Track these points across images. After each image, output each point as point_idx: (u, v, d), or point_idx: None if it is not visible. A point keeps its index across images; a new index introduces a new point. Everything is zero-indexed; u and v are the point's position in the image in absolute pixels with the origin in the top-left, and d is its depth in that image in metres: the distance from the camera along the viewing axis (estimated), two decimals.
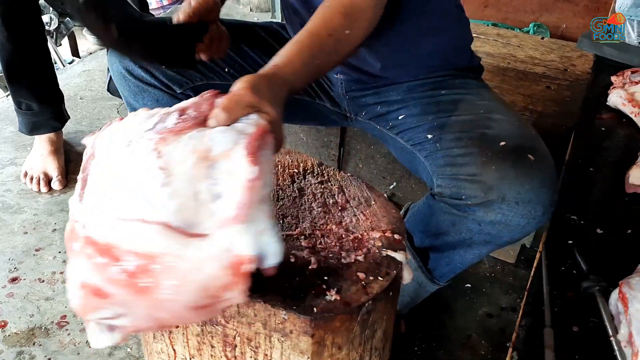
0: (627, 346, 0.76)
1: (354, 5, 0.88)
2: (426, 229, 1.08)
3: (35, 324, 1.29)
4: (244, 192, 0.61)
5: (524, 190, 0.90)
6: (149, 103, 1.16)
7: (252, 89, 0.69)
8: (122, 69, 1.15)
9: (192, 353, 0.79)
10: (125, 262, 0.60)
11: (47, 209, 1.65)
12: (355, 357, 0.75)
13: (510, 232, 0.96)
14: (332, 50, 0.86)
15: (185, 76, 1.16)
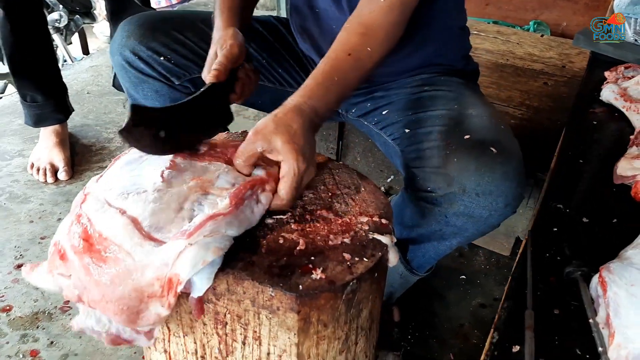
0: (604, 327, 0.78)
1: (373, 24, 0.91)
2: (402, 221, 1.11)
3: (39, 309, 1.33)
4: (206, 219, 0.71)
5: (484, 182, 0.92)
6: (149, 94, 1.20)
7: (256, 132, 0.78)
8: (123, 60, 1.17)
9: (186, 331, 0.82)
10: (89, 237, 0.70)
11: (52, 199, 1.70)
12: (341, 335, 0.78)
13: (474, 224, 0.98)
14: (353, 68, 0.89)
15: (183, 68, 1.19)
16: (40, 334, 1.26)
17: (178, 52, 1.18)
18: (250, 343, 0.78)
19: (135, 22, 1.18)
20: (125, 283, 0.68)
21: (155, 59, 1.16)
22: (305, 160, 0.78)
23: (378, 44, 0.92)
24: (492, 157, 0.93)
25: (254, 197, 0.78)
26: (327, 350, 0.78)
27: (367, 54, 0.90)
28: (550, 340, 0.79)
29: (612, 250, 0.89)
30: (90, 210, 0.75)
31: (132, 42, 1.15)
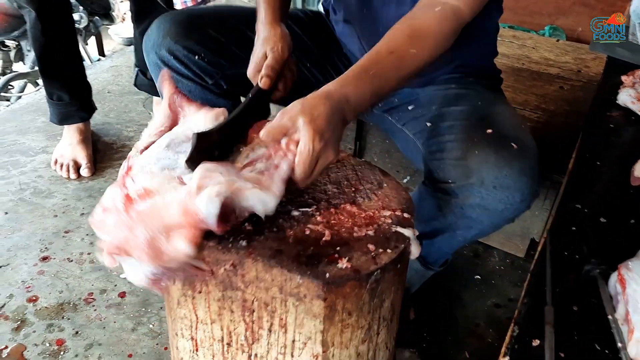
0: (623, 324, 0.80)
1: (423, 29, 0.91)
2: (418, 216, 1.13)
3: (64, 300, 1.36)
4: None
5: (502, 176, 0.95)
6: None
7: (283, 112, 0.79)
8: (158, 59, 1.19)
9: (213, 318, 0.85)
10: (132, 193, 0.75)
11: (75, 194, 1.74)
12: (364, 324, 0.81)
13: (489, 217, 1.00)
14: (393, 66, 0.88)
15: (215, 67, 1.20)
16: (66, 324, 1.30)
17: (212, 51, 1.19)
18: (277, 330, 0.80)
19: (172, 20, 1.19)
20: (152, 218, 0.72)
21: (191, 59, 1.17)
22: (322, 141, 0.77)
23: (424, 49, 0.91)
24: (512, 152, 0.96)
25: (274, 165, 0.79)
26: (350, 338, 0.81)
27: (411, 55, 0.89)
28: (570, 336, 0.81)
29: (630, 249, 0.91)
30: (135, 173, 0.80)
31: (169, 41, 1.17)
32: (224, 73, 1.22)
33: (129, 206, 0.74)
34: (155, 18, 1.87)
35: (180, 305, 0.88)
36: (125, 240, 0.73)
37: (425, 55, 0.91)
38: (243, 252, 0.76)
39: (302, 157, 0.77)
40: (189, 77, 1.20)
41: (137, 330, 1.30)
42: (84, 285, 1.41)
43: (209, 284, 0.81)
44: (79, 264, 1.47)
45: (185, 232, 0.72)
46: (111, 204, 0.77)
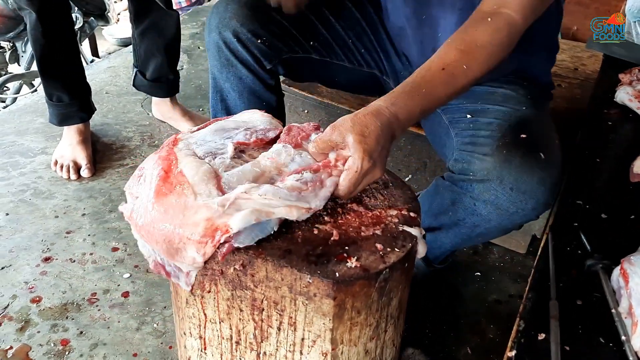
0: (627, 317, 0.81)
1: (475, 41, 0.90)
2: (429, 209, 1.15)
3: (68, 300, 1.36)
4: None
5: (522, 180, 0.96)
6: (232, 78, 1.23)
7: (333, 127, 0.80)
8: (220, 40, 1.19)
9: (222, 317, 0.86)
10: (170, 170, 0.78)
11: (76, 195, 1.74)
12: (373, 322, 0.82)
13: (498, 216, 1.01)
14: (444, 83, 0.88)
15: (274, 50, 1.21)
16: (70, 324, 1.30)
17: (274, 34, 1.20)
18: (286, 329, 0.81)
19: (239, 2, 1.19)
20: (176, 215, 0.74)
21: (254, 42, 1.18)
22: (371, 161, 0.78)
23: (476, 63, 0.89)
24: (538, 160, 0.97)
25: (319, 179, 0.81)
26: (358, 336, 0.82)
27: (462, 71, 0.88)
28: (575, 329, 0.82)
29: (631, 244, 0.92)
30: (180, 152, 0.82)
31: (235, 23, 1.17)
32: (283, 57, 1.23)
33: (166, 183, 0.76)
34: (153, 19, 1.90)
35: (189, 305, 0.88)
36: (143, 213, 0.76)
37: (477, 69, 0.90)
38: (252, 252, 0.76)
39: (349, 175, 0.79)
40: (246, 62, 1.20)
41: (142, 329, 1.30)
42: (87, 285, 1.41)
43: (218, 283, 0.82)
44: (81, 265, 1.47)
45: (202, 246, 0.73)
46: (151, 169, 0.80)
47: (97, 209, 1.68)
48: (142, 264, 1.48)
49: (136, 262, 1.49)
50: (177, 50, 2.00)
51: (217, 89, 1.29)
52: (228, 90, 1.26)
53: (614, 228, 1.01)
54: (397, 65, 1.31)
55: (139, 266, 1.47)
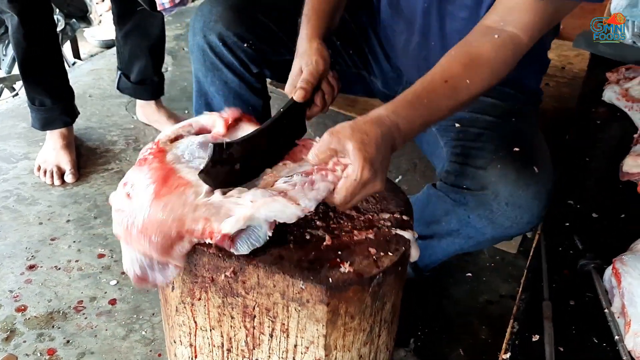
0: (620, 317, 0.81)
1: (479, 56, 0.88)
2: (420, 217, 1.14)
3: (54, 308, 1.34)
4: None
5: (517, 195, 0.96)
6: (217, 82, 1.20)
7: (332, 133, 0.77)
8: (205, 43, 1.16)
9: (213, 324, 0.84)
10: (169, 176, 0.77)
11: (60, 200, 1.70)
12: (366, 327, 0.81)
13: (493, 230, 1.01)
14: (446, 95, 0.86)
15: (260, 53, 1.18)
16: (56, 333, 1.27)
17: (261, 38, 1.17)
18: (278, 335, 0.80)
19: (225, 4, 1.16)
20: (175, 209, 0.72)
21: (240, 46, 1.15)
22: (372, 171, 0.75)
23: (480, 78, 0.87)
24: (532, 174, 0.97)
25: (310, 180, 0.78)
26: (352, 341, 0.81)
27: (465, 85, 0.87)
28: (568, 330, 0.82)
29: (622, 243, 0.93)
30: (176, 165, 0.80)
31: (220, 27, 1.14)
32: (270, 60, 1.21)
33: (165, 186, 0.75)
34: (137, 21, 1.87)
35: (179, 313, 0.87)
36: (137, 216, 0.74)
37: (479, 85, 0.88)
38: (244, 258, 0.75)
39: (347, 183, 0.76)
40: (232, 66, 1.18)
41: (130, 337, 1.28)
42: (73, 293, 1.38)
43: (209, 290, 0.80)
44: (67, 272, 1.44)
45: (193, 240, 0.73)
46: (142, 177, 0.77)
47: (82, 214, 1.65)
48: None
49: (123, 268, 1.45)
50: (162, 52, 1.98)
51: (201, 92, 1.27)
52: (213, 94, 1.24)
53: (605, 227, 1.01)
54: (384, 67, 1.30)
55: (125, 273, 1.44)
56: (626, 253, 0.87)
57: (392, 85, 1.30)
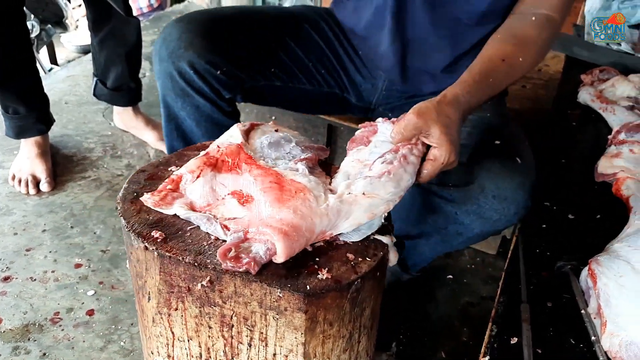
0: (596, 317, 0.82)
1: (525, 37, 0.96)
2: (407, 217, 1.14)
3: (29, 321, 1.31)
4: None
5: (503, 187, 0.97)
6: (188, 107, 1.16)
7: (419, 114, 0.82)
8: (174, 70, 1.12)
9: (190, 335, 0.83)
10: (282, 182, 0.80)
11: (36, 210, 1.67)
12: (346, 333, 0.80)
13: (482, 224, 1.02)
14: (505, 73, 0.93)
15: (234, 79, 1.16)
16: (32, 345, 1.25)
17: (233, 63, 1.14)
18: (257, 344, 0.79)
19: (195, 31, 1.12)
20: (305, 217, 0.75)
21: (212, 73, 1.12)
22: (455, 154, 0.82)
23: (529, 55, 0.95)
24: (515, 166, 0.99)
25: (402, 155, 0.82)
26: (332, 349, 0.80)
27: (519, 63, 0.94)
28: (546, 331, 0.82)
29: (599, 244, 0.93)
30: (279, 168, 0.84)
31: (191, 54, 1.10)
32: (242, 87, 1.18)
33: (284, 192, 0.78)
34: (113, 26, 1.85)
35: (156, 323, 0.85)
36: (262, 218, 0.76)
37: (529, 62, 0.96)
38: (220, 267, 0.74)
39: (434, 165, 0.82)
40: (203, 93, 1.14)
41: (108, 348, 1.26)
42: (50, 304, 1.36)
43: (185, 300, 0.79)
44: (42, 283, 1.42)
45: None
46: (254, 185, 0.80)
47: (58, 224, 1.62)
48: (107, 280, 1.43)
49: (101, 278, 1.44)
50: (139, 58, 1.96)
51: (171, 117, 1.22)
52: (184, 118, 1.20)
53: (582, 228, 1.02)
54: (356, 79, 1.30)
55: (103, 282, 1.42)
56: (601, 254, 0.87)
57: (367, 96, 1.31)
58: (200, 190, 0.82)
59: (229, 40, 1.13)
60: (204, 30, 1.13)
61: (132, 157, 1.98)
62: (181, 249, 0.76)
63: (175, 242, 0.77)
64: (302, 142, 0.94)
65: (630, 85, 1.36)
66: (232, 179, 0.82)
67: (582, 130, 1.32)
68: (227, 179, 0.82)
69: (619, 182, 1.03)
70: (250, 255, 0.73)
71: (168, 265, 0.76)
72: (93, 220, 1.65)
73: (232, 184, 0.82)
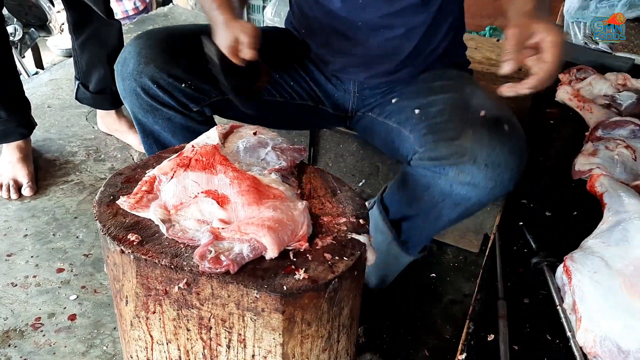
0: (572, 313, 0.83)
1: None
2: (401, 198, 1.16)
3: (10, 327, 1.30)
4: None
5: (495, 154, 0.99)
6: (160, 121, 1.15)
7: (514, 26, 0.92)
8: (138, 87, 1.11)
9: (169, 338, 0.83)
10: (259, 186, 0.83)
11: (17, 215, 1.66)
12: (324, 333, 0.80)
13: (478, 194, 1.03)
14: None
15: (203, 93, 1.15)
16: (13, 352, 1.23)
17: (199, 77, 1.13)
18: (235, 346, 0.79)
19: (155, 46, 1.11)
20: (287, 213, 0.79)
21: (176, 86, 1.11)
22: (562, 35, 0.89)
23: None
24: (504, 133, 1.01)
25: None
26: (310, 349, 0.80)
27: None
28: (522, 328, 0.83)
29: (575, 240, 0.94)
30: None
31: (152, 69, 1.09)
32: (211, 100, 1.17)
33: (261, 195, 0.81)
34: (94, 29, 1.84)
35: (134, 327, 0.85)
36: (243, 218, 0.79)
37: None
38: (197, 269, 0.74)
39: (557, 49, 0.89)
40: (170, 106, 1.13)
41: (90, 353, 1.25)
42: (31, 310, 1.35)
43: (163, 303, 0.79)
44: (24, 288, 1.40)
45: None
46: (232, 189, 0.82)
47: (40, 228, 1.61)
48: (90, 284, 1.43)
49: (83, 282, 1.43)
50: None
51: (146, 133, 1.21)
52: (159, 132, 1.19)
53: (558, 225, 1.04)
54: (328, 88, 1.30)
55: (86, 287, 1.42)
56: (576, 250, 0.89)
57: (342, 103, 1.31)
58: (173, 189, 0.82)
59: (191, 55, 1.11)
60: (164, 45, 1.12)
61: (116, 161, 1.97)
62: (157, 252, 0.76)
63: (151, 244, 0.77)
64: (279, 145, 0.94)
65: (607, 83, 1.37)
66: (205, 178, 0.82)
67: (560, 128, 1.33)
68: (200, 177, 0.82)
69: (593, 179, 1.05)
70: (230, 257, 0.73)
71: (144, 268, 0.76)
72: (75, 225, 1.63)
73: (206, 183, 0.82)
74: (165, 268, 0.75)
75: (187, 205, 0.80)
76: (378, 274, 1.33)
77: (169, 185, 0.82)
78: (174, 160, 0.85)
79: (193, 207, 0.80)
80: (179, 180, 0.82)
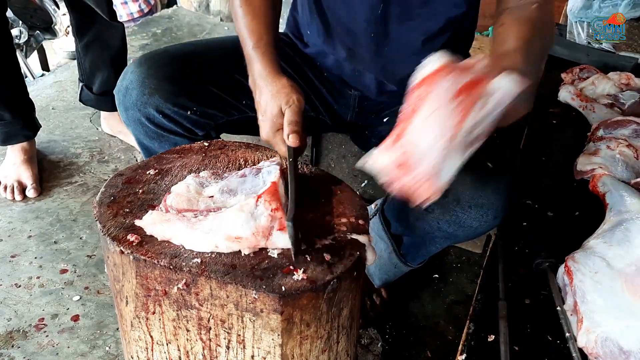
0: (572, 314, 0.83)
1: (532, 20, 0.94)
2: (400, 219, 1.16)
3: (13, 327, 1.30)
4: None
5: (477, 196, 0.97)
6: (167, 146, 1.12)
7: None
8: (142, 116, 1.08)
9: (169, 338, 0.83)
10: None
11: (22, 216, 1.67)
12: (323, 334, 0.80)
13: (464, 232, 1.02)
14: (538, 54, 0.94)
15: (208, 118, 1.13)
16: (16, 352, 1.24)
17: (204, 102, 1.11)
18: (235, 347, 0.79)
19: (159, 75, 1.08)
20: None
21: (182, 114, 1.09)
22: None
23: (548, 37, 1.00)
24: (488, 171, 0.98)
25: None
26: (310, 350, 0.80)
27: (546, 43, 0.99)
28: (523, 328, 0.83)
29: (576, 241, 0.94)
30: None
31: (157, 100, 1.06)
32: (216, 123, 1.15)
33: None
34: (97, 31, 1.84)
35: (134, 328, 0.85)
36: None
37: (549, 43, 1.03)
38: (196, 270, 0.74)
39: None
40: (176, 132, 1.11)
41: (93, 353, 1.26)
42: (34, 310, 1.35)
43: (163, 304, 0.79)
44: (27, 289, 1.41)
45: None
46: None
47: (44, 230, 1.62)
48: (93, 285, 1.43)
49: (86, 283, 1.43)
50: (124, 63, 1.95)
51: (151, 155, 1.15)
52: None
53: (560, 225, 1.03)
54: (329, 100, 1.29)
55: (89, 287, 1.42)
56: (578, 251, 0.88)
57: (341, 114, 1.31)
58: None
59: (194, 80, 1.10)
60: (167, 72, 1.09)
61: (120, 162, 1.97)
62: (157, 252, 0.76)
63: (150, 245, 0.77)
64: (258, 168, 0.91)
65: (610, 83, 1.37)
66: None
67: (562, 128, 1.33)
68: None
69: (595, 178, 1.04)
70: None
71: (144, 268, 0.76)
72: (79, 226, 1.64)
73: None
74: (164, 268, 0.75)
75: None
76: (381, 277, 1.34)
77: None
78: None
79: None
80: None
